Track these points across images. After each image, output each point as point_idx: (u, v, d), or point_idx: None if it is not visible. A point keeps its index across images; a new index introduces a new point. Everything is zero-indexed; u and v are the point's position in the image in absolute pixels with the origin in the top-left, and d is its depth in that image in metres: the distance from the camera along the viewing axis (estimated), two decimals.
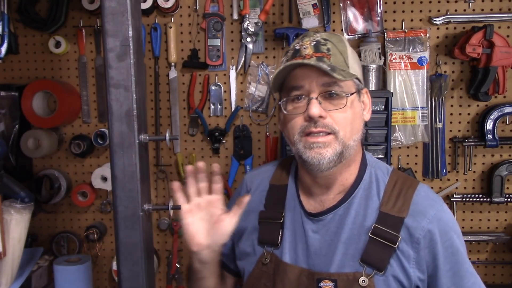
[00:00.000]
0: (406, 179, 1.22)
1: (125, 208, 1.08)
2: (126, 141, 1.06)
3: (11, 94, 2.07)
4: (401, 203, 1.16)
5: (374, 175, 1.22)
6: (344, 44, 1.19)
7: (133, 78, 1.05)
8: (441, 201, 1.21)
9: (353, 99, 1.16)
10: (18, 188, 1.80)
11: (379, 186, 1.20)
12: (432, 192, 1.23)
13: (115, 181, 1.07)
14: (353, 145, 1.17)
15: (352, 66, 1.16)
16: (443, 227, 1.16)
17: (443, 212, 1.19)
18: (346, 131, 1.14)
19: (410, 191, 1.18)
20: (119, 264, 1.11)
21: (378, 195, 1.19)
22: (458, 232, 1.20)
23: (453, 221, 1.20)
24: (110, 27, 1.03)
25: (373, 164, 1.24)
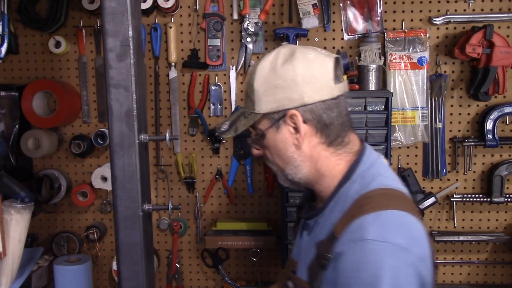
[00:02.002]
0: (372, 203, 1.08)
1: (125, 208, 1.08)
2: (126, 141, 1.06)
3: (11, 94, 2.07)
4: (345, 223, 1.08)
5: (348, 190, 1.15)
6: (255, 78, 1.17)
7: (133, 78, 1.05)
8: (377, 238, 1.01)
9: (269, 135, 1.19)
10: (18, 188, 1.80)
11: (346, 202, 1.13)
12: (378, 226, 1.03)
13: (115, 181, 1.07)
14: (295, 171, 1.19)
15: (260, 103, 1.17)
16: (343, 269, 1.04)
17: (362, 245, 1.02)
18: (276, 164, 1.22)
19: (359, 214, 1.07)
20: (119, 264, 1.11)
21: (342, 211, 1.13)
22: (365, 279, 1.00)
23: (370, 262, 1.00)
24: (110, 27, 1.03)
25: (355, 179, 1.16)
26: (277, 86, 1.14)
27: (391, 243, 1.00)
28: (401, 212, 1.06)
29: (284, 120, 1.16)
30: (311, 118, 1.15)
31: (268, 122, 1.18)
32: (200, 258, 2.24)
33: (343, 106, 1.19)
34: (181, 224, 2.20)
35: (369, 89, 1.99)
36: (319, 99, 1.14)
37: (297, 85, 1.13)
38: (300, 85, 1.13)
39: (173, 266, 2.22)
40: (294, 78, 1.13)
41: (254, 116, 1.18)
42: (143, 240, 1.10)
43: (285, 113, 1.15)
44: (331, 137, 1.17)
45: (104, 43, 1.03)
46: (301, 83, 1.13)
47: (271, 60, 1.17)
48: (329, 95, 1.15)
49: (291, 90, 1.13)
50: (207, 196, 2.21)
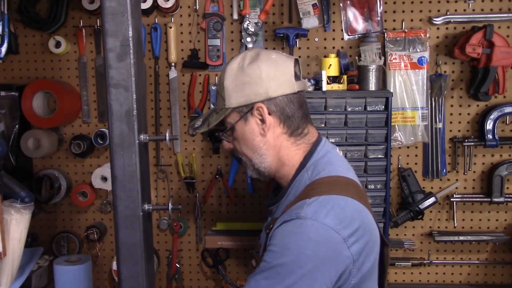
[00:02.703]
0: (316, 189, 1.22)
1: (125, 208, 1.08)
2: (126, 141, 1.06)
3: (11, 94, 2.07)
4: (293, 203, 1.24)
5: (302, 178, 1.30)
6: (224, 77, 1.33)
7: (133, 78, 1.05)
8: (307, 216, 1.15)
9: (237, 127, 1.34)
10: (18, 188, 1.80)
11: (298, 189, 1.29)
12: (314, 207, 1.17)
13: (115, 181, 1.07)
14: (261, 159, 1.34)
15: (230, 99, 1.32)
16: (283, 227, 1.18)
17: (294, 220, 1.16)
18: (245, 154, 1.37)
19: (304, 197, 1.21)
20: (119, 264, 1.11)
21: (295, 195, 1.29)
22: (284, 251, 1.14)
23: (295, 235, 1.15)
24: (110, 27, 1.03)
25: (308, 167, 1.30)
26: (245, 83, 1.30)
27: (319, 222, 1.14)
28: (341, 197, 1.20)
29: (251, 112, 1.31)
30: (275, 110, 1.31)
31: (237, 115, 1.33)
32: (200, 258, 2.24)
33: (303, 101, 1.36)
34: (181, 224, 2.21)
35: (369, 89, 1.99)
36: (282, 93, 1.30)
37: (262, 81, 1.29)
38: (265, 81, 1.29)
39: (173, 266, 2.22)
40: (260, 75, 1.29)
41: (224, 111, 1.33)
42: (143, 240, 1.10)
43: (252, 106, 1.31)
44: (292, 128, 1.33)
45: (104, 43, 1.03)
46: (266, 79, 1.29)
47: (239, 61, 1.33)
48: (291, 90, 1.31)
49: (257, 86, 1.29)
50: (207, 196, 2.21)
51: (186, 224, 2.23)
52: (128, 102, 1.04)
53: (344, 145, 1.99)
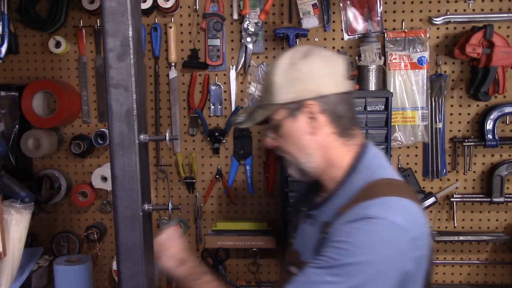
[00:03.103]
0: (377, 190, 1.18)
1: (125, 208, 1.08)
2: (126, 141, 1.06)
3: (11, 94, 2.07)
4: (351, 205, 1.18)
5: (355, 179, 1.24)
6: (274, 72, 1.27)
7: (133, 78, 1.05)
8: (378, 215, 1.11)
9: (285, 124, 1.27)
10: (18, 188, 1.80)
11: (352, 190, 1.22)
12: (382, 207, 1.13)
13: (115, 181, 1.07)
14: (308, 159, 1.27)
15: (278, 96, 1.26)
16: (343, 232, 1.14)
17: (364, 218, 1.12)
18: (290, 154, 1.30)
19: (365, 199, 1.16)
20: (119, 264, 1.11)
21: (347, 197, 1.22)
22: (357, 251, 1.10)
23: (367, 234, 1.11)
24: (110, 27, 1.03)
25: (360, 169, 1.25)
26: (296, 78, 1.24)
27: (389, 220, 1.11)
28: (403, 199, 1.17)
29: (301, 109, 1.25)
30: (326, 109, 1.24)
31: (285, 112, 1.26)
32: (200, 258, 2.24)
33: (352, 101, 1.31)
34: (181, 224, 2.20)
35: (369, 89, 1.99)
36: (334, 91, 1.25)
37: (314, 78, 1.24)
38: (317, 78, 1.24)
39: None
40: (312, 72, 1.24)
41: (272, 106, 1.27)
42: (143, 240, 1.10)
43: (302, 103, 1.24)
44: (342, 128, 1.26)
45: (104, 43, 1.03)
46: (318, 76, 1.24)
47: (290, 56, 1.27)
48: (342, 88, 1.26)
49: (309, 82, 1.24)
50: (207, 196, 2.21)
51: (186, 224, 2.23)
52: (128, 102, 1.04)
53: None
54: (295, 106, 1.25)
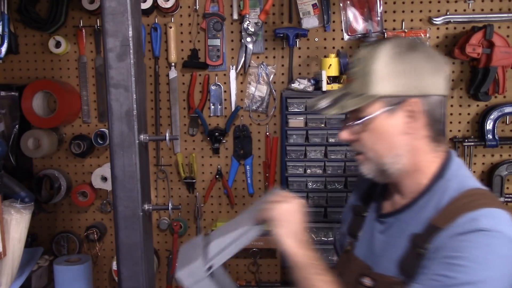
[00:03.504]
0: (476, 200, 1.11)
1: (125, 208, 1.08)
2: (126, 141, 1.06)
3: (11, 94, 2.07)
4: (449, 217, 1.10)
5: (444, 188, 1.16)
6: (376, 59, 1.15)
7: (133, 78, 1.05)
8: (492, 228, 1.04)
9: (377, 119, 1.15)
10: (18, 188, 1.80)
11: (442, 199, 1.15)
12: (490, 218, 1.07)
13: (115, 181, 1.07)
14: (395, 160, 1.17)
15: (378, 86, 1.14)
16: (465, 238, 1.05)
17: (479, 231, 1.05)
18: (374, 152, 1.18)
19: (466, 209, 1.09)
20: (119, 264, 1.11)
21: (436, 207, 1.15)
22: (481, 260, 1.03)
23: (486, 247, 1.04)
24: (110, 27, 1.03)
25: (449, 178, 1.18)
26: (402, 71, 1.13)
27: (504, 233, 1.04)
28: (504, 211, 1.10)
29: (401, 106, 1.14)
30: (427, 110, 1.15)
31: (381, 105, 1.15)
32: None
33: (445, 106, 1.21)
34: (181, 224, 2.20)
35: None
36: (437, 93, 1.16)
37: (423, 74, 1.14)
38: (426, 75, 1.14)
39: (173, 266, 2.22)
40: (421, 67, 1.14)
41: (367, 97, 1.14)
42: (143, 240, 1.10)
43: (405, 99, 1.13)
44: (435, 133, 1.18)
45: (104, 43, 1.03)
46: (427, 72, 1.14)
47: (395, 45, 1.15)
48: (444, 91, 1.17)
49: (416, 78, 1.13)
50: (207, 196, 2.21)
51: (186, 224, 2.23)
52: (128, 102, 1.04)
53: (344, 145, 2.00)
54: (395, 101, 1.14)
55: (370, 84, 1.14)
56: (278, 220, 1.20)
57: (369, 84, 1.14)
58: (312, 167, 2.06)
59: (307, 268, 1.16)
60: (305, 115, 2.03)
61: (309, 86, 1.99)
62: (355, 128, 1.19)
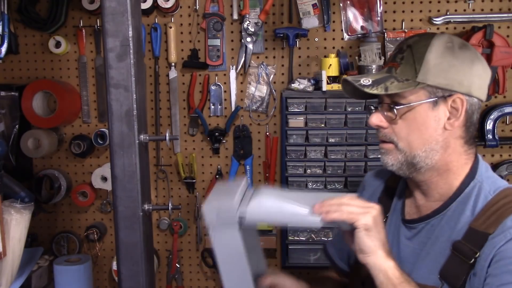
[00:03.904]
0: None
1: (125, 208, 1.08)
2: (126, 141, 1.06)
3: (11, 94, 2.07)
4: (493, 220, 1.08)
5: (477, 189, 1.15)
6: (430, 50, 1.13)
7: (133, 78, 1.05)
8: None
9: (418, 108, 1.13)
10: (18, 188, 1.80)
11: (478, 202, 1.13)
12: None
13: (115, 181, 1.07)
14: (428, 154, 1.14)
15: (427, 74, 1.12)
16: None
17: None
18: (407, 142, 1.15)
19: (509, 211, 1.08)
20: (119, 264, 1.11)
21: (473, 211, 1.13)
22: None
23: None
24: (110, 27, 1.03)
25: (481, 180, 1.17)
26: (453, 65, 1.12)
27: None
28: None
29: (447, 99, 1.13)
30: (468, 110, 1.14)
31: (425, 95, 1.13)
32: (200, 258, 2.24)
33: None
34: (181, 224, 2.20)
35: None
36: (479, 96, 1.16)
37: (472, 74, 1.13)
38: (473, 75, 1.13)
39: (173, 266, 2.22)
40: (471, 65, 1.13)
41: (413, 83, 1.12)
42: (143, 240, 1.10)
43: (451, 94, 1.12)
44: (470, 135, 1.17)
45: (104, 43, 1.03)
46: (475, 73, 1.14)
47: (447, 40, 1.14)
48: (484, 96, 1.17)
49: (464, 75, 1.13)
50: (207, 196, 2.21)
51: (186, 224, 2.23)
52: (128, 102, 1.04)
53: (344, 145, 2.00)
54: (441, 94, 1.12)
55: (420, 71, 1.12)
56: (370, 228, 1.03)
57: (418, 71, 1.12)
58: (312, 167, 2.06)
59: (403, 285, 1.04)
60: (305, 115, 2.03)
61: (309, 86, 1.99)
62: (389, 115, 1.16)
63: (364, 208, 1.04)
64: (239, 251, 1.06)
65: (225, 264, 1.08)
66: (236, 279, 1.08)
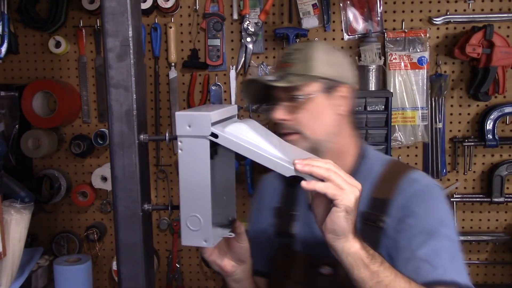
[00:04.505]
0: (401, 167, 1.30)
1: (125, 208, 1.08)
2: (126, 141, 1.05)
3: (11, 94, 2.07)
4: (389, 187, 1.24)
5: (370, 165, 1.29)
6: (312, 51, 1.27)
7: (133, 78, 1.04)
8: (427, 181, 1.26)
9: (316, 98, 1.25)
10: (18, 188, 1.80)
11: (373, 175, 1.27)
12: (423, 177, 1.27)
13: (115, 181, 1.07)
14: (327, 139, 1.25)
15: (318, 69, 1.25)
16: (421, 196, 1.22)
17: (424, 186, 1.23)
18: (311, 129, 1.24)
19: (400, 175, 1.25)
20: (119, 264, 1.11)
21: (371, 183, 1.25)
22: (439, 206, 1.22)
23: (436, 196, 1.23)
24: (110, 27, 1.03)
25: (371, 157, 1.31)
26: (336, 61, 1.28)
27: (439, 186, 1.26)
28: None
29: (338, 88, 1.26)
30: (351, 98, 1.29)
31: (321, 86, 1.25)
32: (200, 258, 2.24)
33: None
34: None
35: (369, 89, 1.99)
36: (356, 86, 1.32)
37: (348, 68, 1.30)
38: (350, 69, 1.31)
39: (173, 266, 2.22)
40: (345, 61, 1.31)
41: (309, 77, 1.24)
42: (143, 240, 1.10)
43: (339, 84, 1.26)
44: (354, 120, 1.32)
45: (104, 43, 1.03)
46: (349, 68, 1.31)
47: (324, 44, 1.34)
48: (357, 86, 1.33)
49: (346, 70, 1.29)
50: None
51: None
52: (128, 102, 1.04)
53: None
54: (332, 84, 1.25)
55: (312, 66, 1.25)
56: (350, 211, 0.98)
57: (311, 66, 1.25)
58: None
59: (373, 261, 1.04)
60: None
61: None
62: (289, 108, 1.26)
63: (350, 185, 0.99)
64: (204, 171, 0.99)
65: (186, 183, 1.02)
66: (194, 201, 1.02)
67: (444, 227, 1.19)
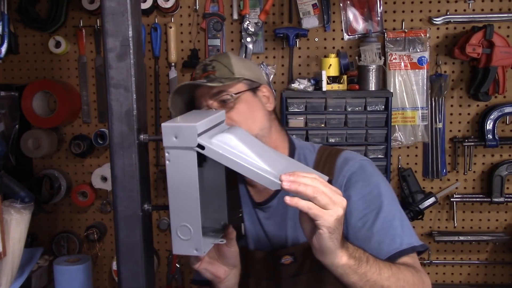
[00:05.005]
0: (331, 150, 1.38)
1: (125, 208, 1.08)
2: (126, 141, 1.05)
3: (11, 94, 2.07)
4: (327, 169, 1.31)
5: (303, 155, 1.37)
6: (229, 59, 1.36)
7: (133, 78, 1.04)
8: (358, 158, 1.34)
9: (244, 97, 1.32)
10: (18, 188, 1.80)
11: (308, 163, 1.34)
12: (352, 154, 1.36)
13: (115, 181, 1.07)
14: (263, 134, 1.31)
15: (239, 72, 1.33)
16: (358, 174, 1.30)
17: (358, 164, 1.31)
18: (247, 125, 1.28)
19: (333, 158, 1.34)
20: (119, 264, 1.11)
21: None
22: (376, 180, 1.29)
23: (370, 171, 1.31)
24: (110, 27, 1.03)
25: (300, 146, 1.40)
26: (250, 66, 1.40)
27: (369, 160, 1.36)
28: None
29: (259, 89, 1.36)
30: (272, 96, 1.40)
31: (245, 86, 1.34)
32: None
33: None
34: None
35: (369, 89, 1.99)
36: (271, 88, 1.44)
37: (260, 71, 1.43)
38: (262, 73, 1.43)
39: (173, 266, 2.22)
40: (256, 66, 1.45)
41: (235, 78, 1.32)
42: (143, 240, 1.10)
43: (260, 84, 1.37)
44: (278, 117, 1.44)
45: (104, 43, 1.03)
46: (261, 71, 1.44)
47: (232, 53, 1.44)
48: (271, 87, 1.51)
49: (260, 73, 1.41)
50: None
51: None
52: (128, 102, 1.04)
53: (344, 145, 1.99)
54: (255, 85, 1.35)
55: (234, 70, 1.33)
56: (333, 231, 0.96)
57: (233, 71, 1.33)
58: None
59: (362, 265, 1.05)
60: (305, 115, 2.03)
61: (309, 86, 1.99)
62: (228, 107, 1.32)
63: (333, 204, 0.95)
64: (192, 182, 0.98)
65: (175, 194, 1.02)
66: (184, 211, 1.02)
67: (386, 197, 1.26)
